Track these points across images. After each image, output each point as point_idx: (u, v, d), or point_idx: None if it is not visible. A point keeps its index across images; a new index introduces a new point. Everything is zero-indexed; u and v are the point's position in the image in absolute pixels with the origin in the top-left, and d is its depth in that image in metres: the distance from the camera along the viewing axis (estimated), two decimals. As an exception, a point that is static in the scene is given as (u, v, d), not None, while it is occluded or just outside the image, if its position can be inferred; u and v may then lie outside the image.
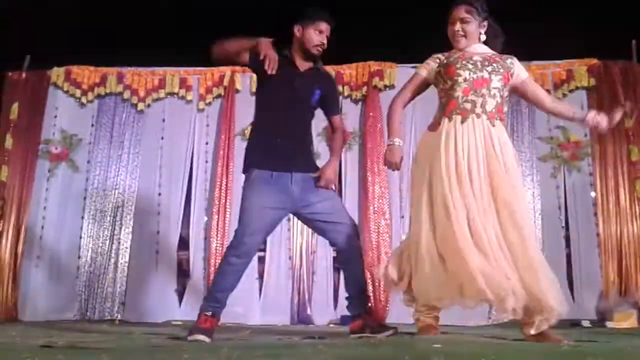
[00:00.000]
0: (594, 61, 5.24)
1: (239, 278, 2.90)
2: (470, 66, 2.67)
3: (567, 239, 4.93)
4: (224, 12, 5.99)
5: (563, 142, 5.09)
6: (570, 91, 5.19)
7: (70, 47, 5.96)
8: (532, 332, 2.26)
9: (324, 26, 3.02)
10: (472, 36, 2.74)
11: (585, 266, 4.82)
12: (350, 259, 3.00)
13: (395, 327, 2.79)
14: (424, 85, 2.84)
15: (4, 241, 5.16)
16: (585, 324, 4.28)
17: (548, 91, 5.13)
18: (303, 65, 3.06)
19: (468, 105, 2.62)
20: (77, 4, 6.07)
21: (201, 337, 2.64)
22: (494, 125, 2.62)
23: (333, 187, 3.06)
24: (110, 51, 5.81)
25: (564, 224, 4.96)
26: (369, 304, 3.09)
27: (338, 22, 3.13)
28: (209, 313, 2.81)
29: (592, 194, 4.97)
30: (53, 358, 1.80)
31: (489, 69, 2.67)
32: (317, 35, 3.00)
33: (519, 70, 2.78)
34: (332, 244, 3.09)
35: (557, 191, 5.02)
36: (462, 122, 2.60)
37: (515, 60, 2.78)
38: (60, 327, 3.90)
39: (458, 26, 2.73)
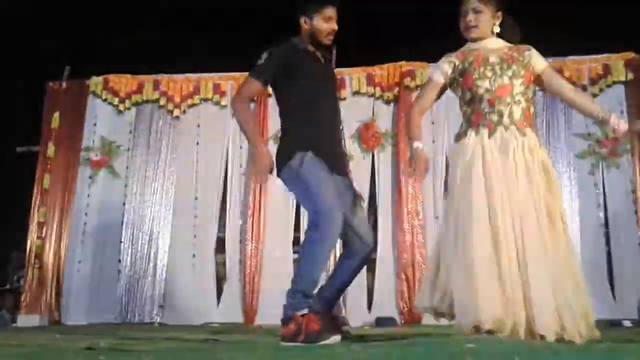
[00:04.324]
0: (631, 55, 5.12)
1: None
2: (489, 74, 2.52)
3: (607, 237, 4.82)
4: (255, 18, 6.06)
5: (601, 138, 4.98)
6: (608, 86, 5.09)
7: (108, 57, 6.12)
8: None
9: (331, 11, 2.77)
10: (485, 28, 2.57)
11: (626, 265, 4.71)
12: (355, 267, 2.82)
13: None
14: (442, 91, 2.67)
15: (47, 246, 5.35)
16: (627, 324, 4.18)
17: (584, 87, 5.07)
18: (321, 55, 2.89)
19: (495, 117, 2.47)
20: (113, 15, 6.23)
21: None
22: (524, 135, 2.47)
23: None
24: (146, 59, 5.95)
25: (603, 222, 4.85)
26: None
27: (368, 23, 3.05)
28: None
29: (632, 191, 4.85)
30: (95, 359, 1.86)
31: (509, 73, 2.52)
32: (326, 23, 2.77)
33: (536, 62, 2.59)
34: (347, 248, 2.83)
35: (596, 189, 4.92)
36: (490, 136, 2.46)
37: (532, 52, 2.59)
38: (102, 330, 4.01)
39: (470, 16, 2.55)
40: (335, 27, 2.80)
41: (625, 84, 5.07)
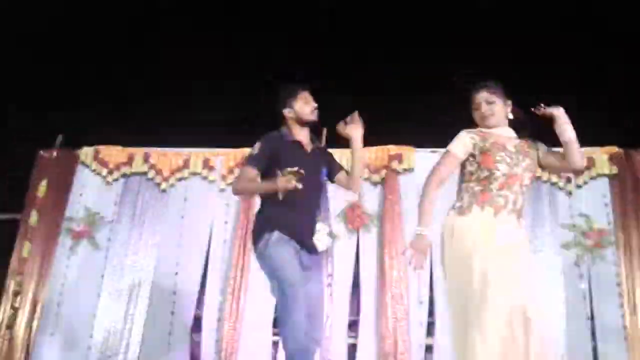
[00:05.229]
0: (616, 149, 5.22)
1: None
2: (508, 160, 2.62)
3: (593, 331, 4.72)
4: (248, 93, 6.19)
5: (586, 230, 4.98)
6: (592, 178, 5.14)
7: (102, 127, 6.18)
8: None
9: (306, 94, 3.13)
10: (500, 116, 2.73)
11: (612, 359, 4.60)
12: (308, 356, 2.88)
13: None
14: (458, 165, 2.75)
15: (19, 317, 5.17)
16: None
17: (569, 179, 5.13)
18: (308, 143, 3.15)
19: (501, 201, 2.57)
20: (111, 84, 6.37)
21: None
22: (520, 227, 2.60)
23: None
24: (139, 131, 6.00)
25: (589, 315, 4.76)
26: None
27: (357, 106, 3.22)
28: None
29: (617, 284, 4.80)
30: None
31: (524, 164, 2.64)
32: (306, 104, 3.10)
33: (540, 151, 2.76)
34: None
35: (581, 280, 4.87)
36: (495, 215, 2.54)
37: (541, 146, 2.77)
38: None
39: (484, 107, 2.72)
40: (316, 104, 3.11)
41: (609, 177, 5.13)
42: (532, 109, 2.70)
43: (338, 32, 5.92)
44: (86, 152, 5.74)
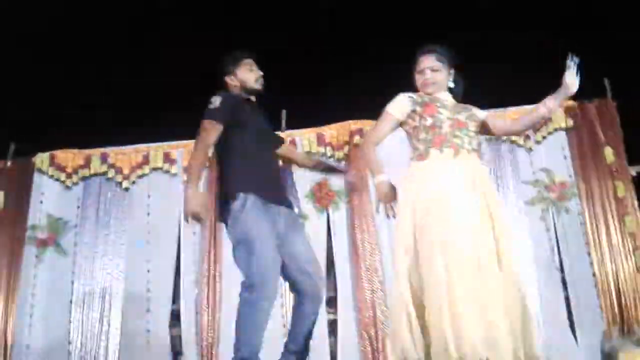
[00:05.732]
0: (570, 102, 5.29)
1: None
2: (449, 108, 2.65)
3: (564, 281, 4.84)
4: (200, 84, 6.09)
5: (549, 184, 5.07)
6: (550, 133, 5.22)
7: (54, 131, 6.02)
8: None
9: (250, 62, 2.96)
10: (442, 84, 2.72)
11: (585, 307, 4.71)
12: (310, 315, 2.75)
13: None
14: (395, 127, 2.74)
15: (-8, 333, 5.07)
16: (591, 368, 4.15)
17: (527, 136, 5.20)
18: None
19: (458, 141, 2.56)
20: (59, 88, 6.19)
21: None
22: (482, 165, 2.63)
23: None
24: (94, 132, 5.86)
25: (559, 267, 4.88)
26: None
27: (315, 84, 3.16)
28: None
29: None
30: None
31: (465, 114, 2.67)
32: (250, 72, 2.94)
33: (478, 112, 2.77)
34: (296, 291, 2.77)
35: (548, 234, 4.96)
36: (455, 155, 2.52)
37: (474, 107, 2.79)
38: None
39: (429, 74, 2.69)
40: (261, 73, 2.95)
41: (566, 131, 5.21)
42: (569, 57, 2.69)
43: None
44: (41, 159, 5.59)
